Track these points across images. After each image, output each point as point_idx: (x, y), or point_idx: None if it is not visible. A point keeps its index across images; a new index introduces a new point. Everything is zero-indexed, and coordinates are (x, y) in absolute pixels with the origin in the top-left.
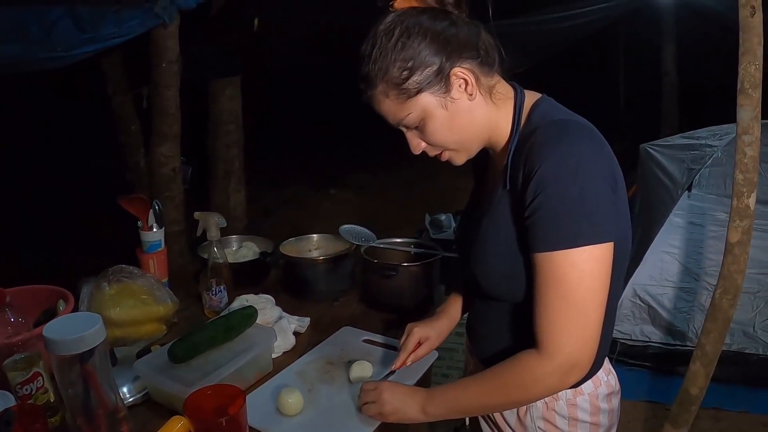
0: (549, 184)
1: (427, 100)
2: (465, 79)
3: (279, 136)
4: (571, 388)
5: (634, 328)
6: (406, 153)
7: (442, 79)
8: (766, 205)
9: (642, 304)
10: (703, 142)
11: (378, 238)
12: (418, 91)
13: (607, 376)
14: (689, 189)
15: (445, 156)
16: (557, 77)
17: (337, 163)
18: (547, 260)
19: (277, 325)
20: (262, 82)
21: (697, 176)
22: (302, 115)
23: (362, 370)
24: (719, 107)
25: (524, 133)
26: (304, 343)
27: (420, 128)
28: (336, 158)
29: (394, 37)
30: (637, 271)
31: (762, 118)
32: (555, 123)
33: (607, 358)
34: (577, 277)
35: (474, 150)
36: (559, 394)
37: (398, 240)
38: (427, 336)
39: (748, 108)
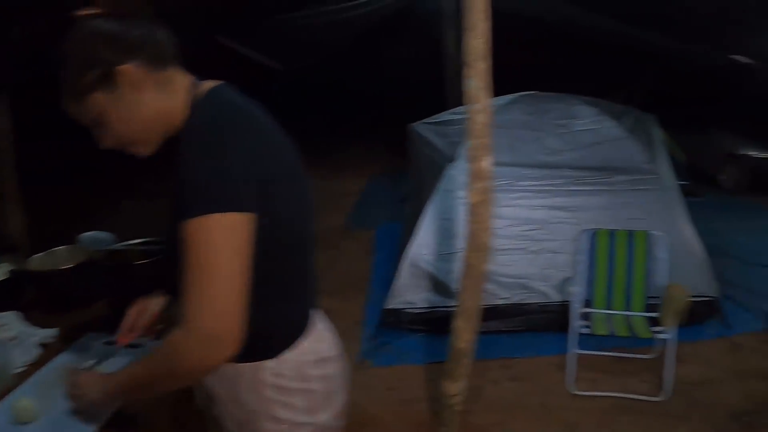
0: (185, 157)
1: (99, 98)
2: (132, 76)
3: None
4: (271, 358)
5: (415, 297)
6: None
7: (110, 77)
8: (521, 167)
9: (421, 273)
10: (466, 116)
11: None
12: (91, 91)
13: (316, 344)
14: (453, 161)
15: (129, 149)
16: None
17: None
18: (183, 230)
19: (18, 340)
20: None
21: (459, 149)
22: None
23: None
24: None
25: (191, 120)
26: (52, 354)
27: (100, 126)
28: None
29: (73, 43)
30: (413, 242)
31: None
32: (213, 106)
33: (322, 326)
34: (204, 245)
35: (152, 141)
36: (263, 364)
37: (138, 241)
38: (146, 305)
39: (474, 78)
